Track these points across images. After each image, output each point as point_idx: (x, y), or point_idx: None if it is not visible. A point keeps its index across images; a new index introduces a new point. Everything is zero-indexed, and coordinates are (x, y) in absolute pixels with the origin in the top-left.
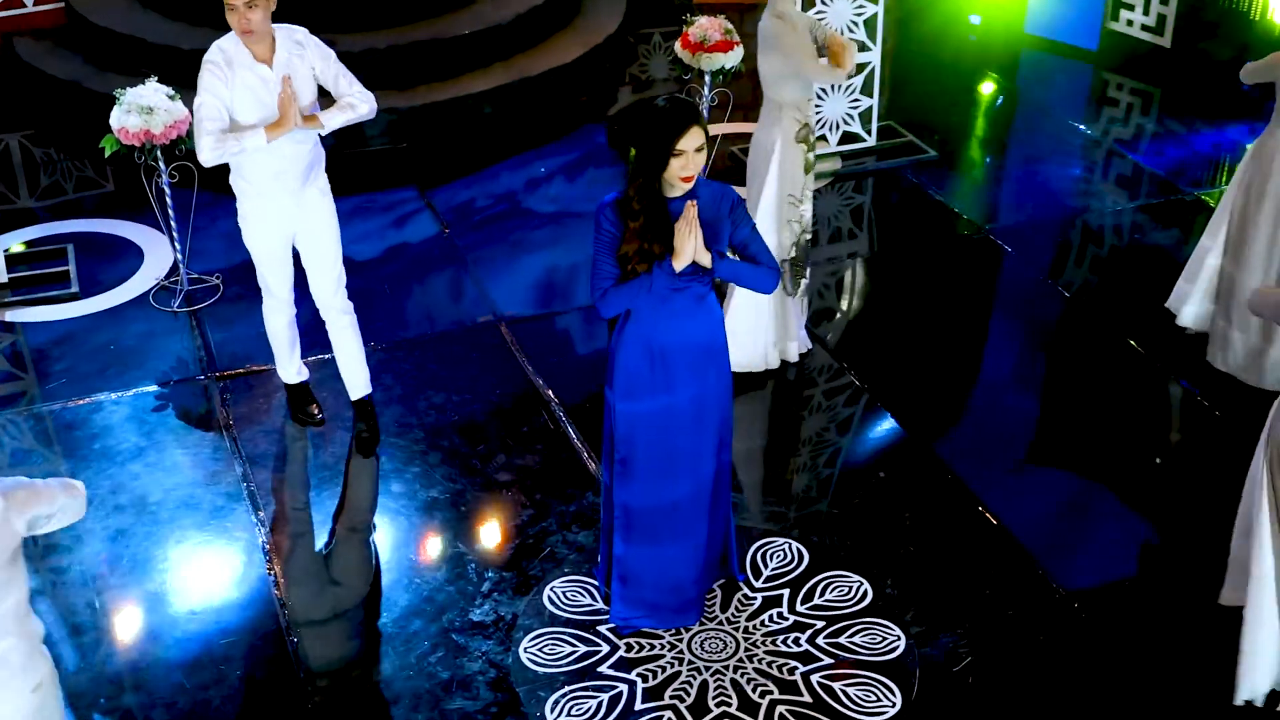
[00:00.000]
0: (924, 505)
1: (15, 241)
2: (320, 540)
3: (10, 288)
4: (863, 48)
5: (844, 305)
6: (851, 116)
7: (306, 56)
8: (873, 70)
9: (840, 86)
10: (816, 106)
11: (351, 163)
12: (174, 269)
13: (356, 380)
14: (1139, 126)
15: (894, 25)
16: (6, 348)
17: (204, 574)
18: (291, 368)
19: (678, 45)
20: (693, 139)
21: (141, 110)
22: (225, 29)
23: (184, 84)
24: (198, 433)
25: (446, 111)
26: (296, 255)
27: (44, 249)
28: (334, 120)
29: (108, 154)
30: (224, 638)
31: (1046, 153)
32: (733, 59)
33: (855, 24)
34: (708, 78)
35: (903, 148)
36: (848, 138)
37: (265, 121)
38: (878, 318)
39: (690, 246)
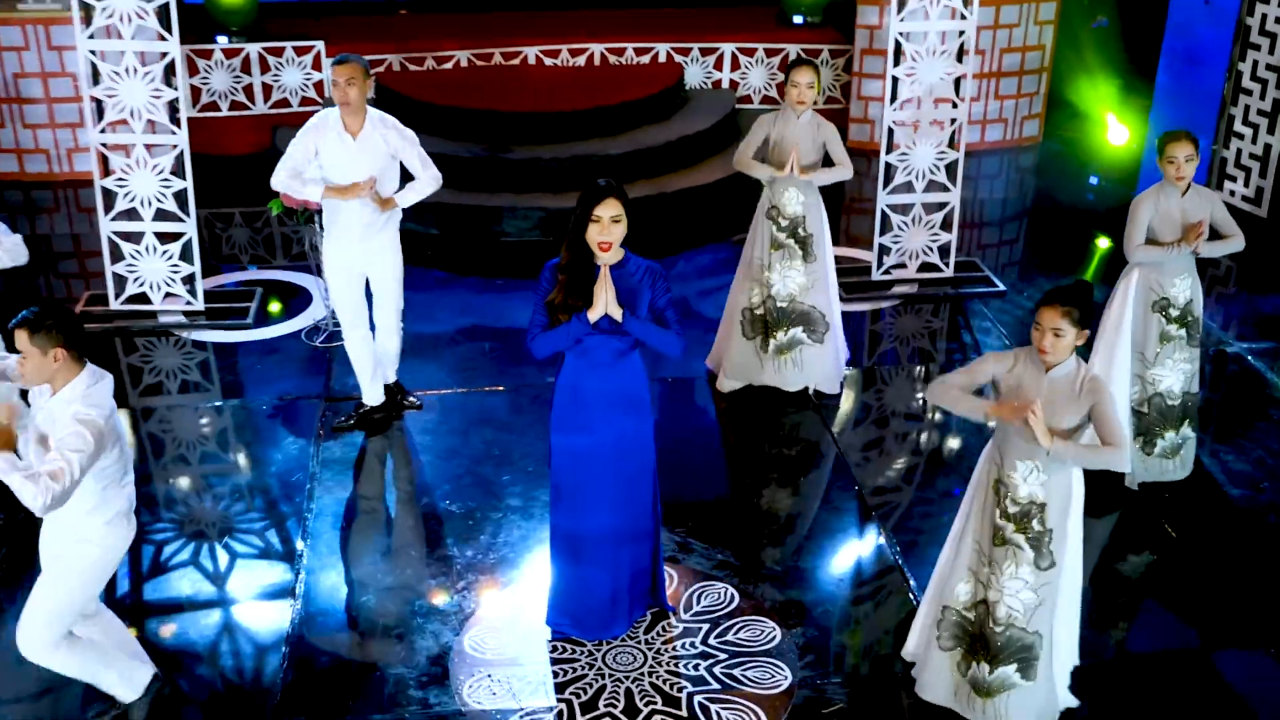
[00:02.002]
0: (861, 578)
1: (217, 282)
2: (348, 527)
3: (206, 315)
4: (943, 189)
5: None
6: (930, 249)
7: (389, 137)
8: (951, 210)
9: (920, 221)
10: (896, 238)
11: (500, 250)
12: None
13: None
14: (1219, 293)
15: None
16: (199, 360)
17: (245, 540)
18: (375, 389)
19: None
20: (608, 209)
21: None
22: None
23: None
24: (292, 438)
25: None
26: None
27: (241, 289)
28: (406, 199)
29: (274, 214)
30: (241, 590)
31: None
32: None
33: (936, 168)
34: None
35: (977, 280)
36: (926, 267)
37: (339, 181)
38: (885, 419)
39: (602, 302)
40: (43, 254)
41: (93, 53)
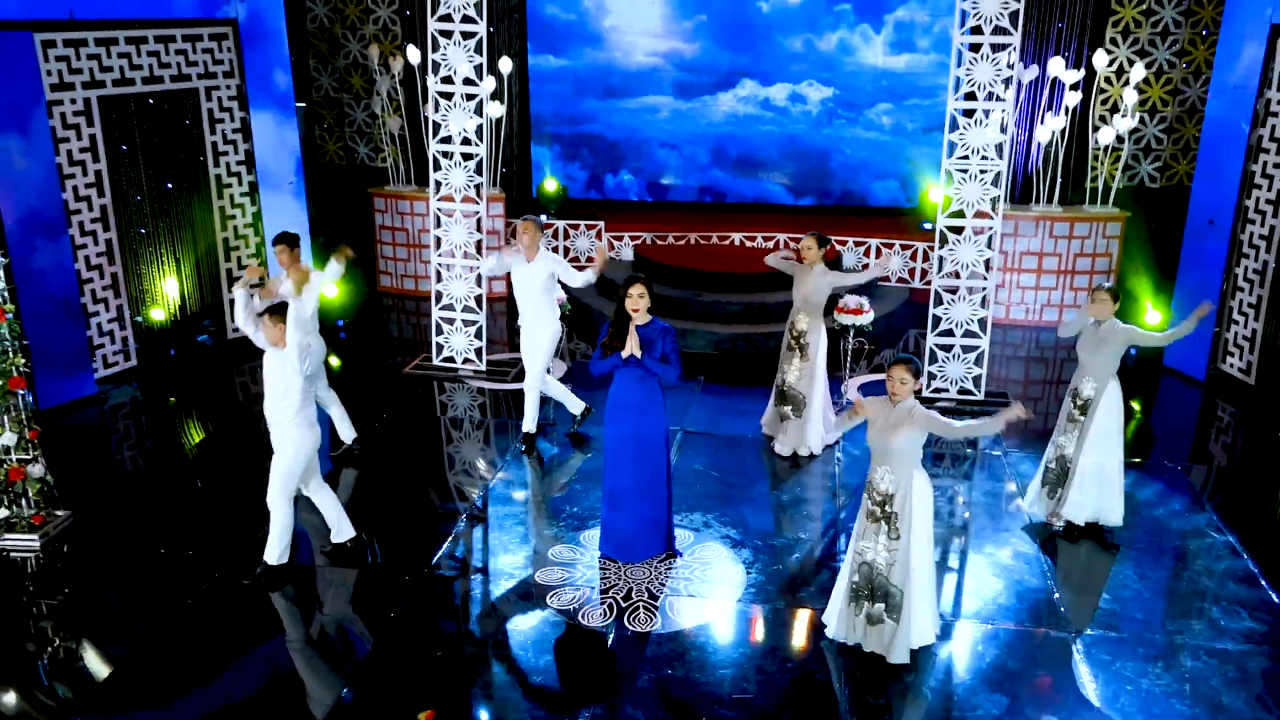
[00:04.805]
0: (811, 551)
1: (502, 356)
2: (509, 490)
3: (485, 374)
4: (975, 335)
5: None
6: (966, 377)
7: (546, 262)
8: (982, 353)
9: (958, 356)
10: (940, 367)
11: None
12: None
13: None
14: (1222, 436)
15: None
16: (479, 402)
17: (447, 488)
18: (575, 404)
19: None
20: (634, 289)
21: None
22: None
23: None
24: (505, 440)
25: (746, 339)
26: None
27: (506, 359)
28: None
29: None
30: (429, 508)
31: None
32: (861, 320)
33: (971, 320)
34: (850, 330)
35: (1000, 404)
36: (963, 390)
37: (519, 288)
38: None
39: (629, 346)
40: (415, 338)
41: (439, 210)
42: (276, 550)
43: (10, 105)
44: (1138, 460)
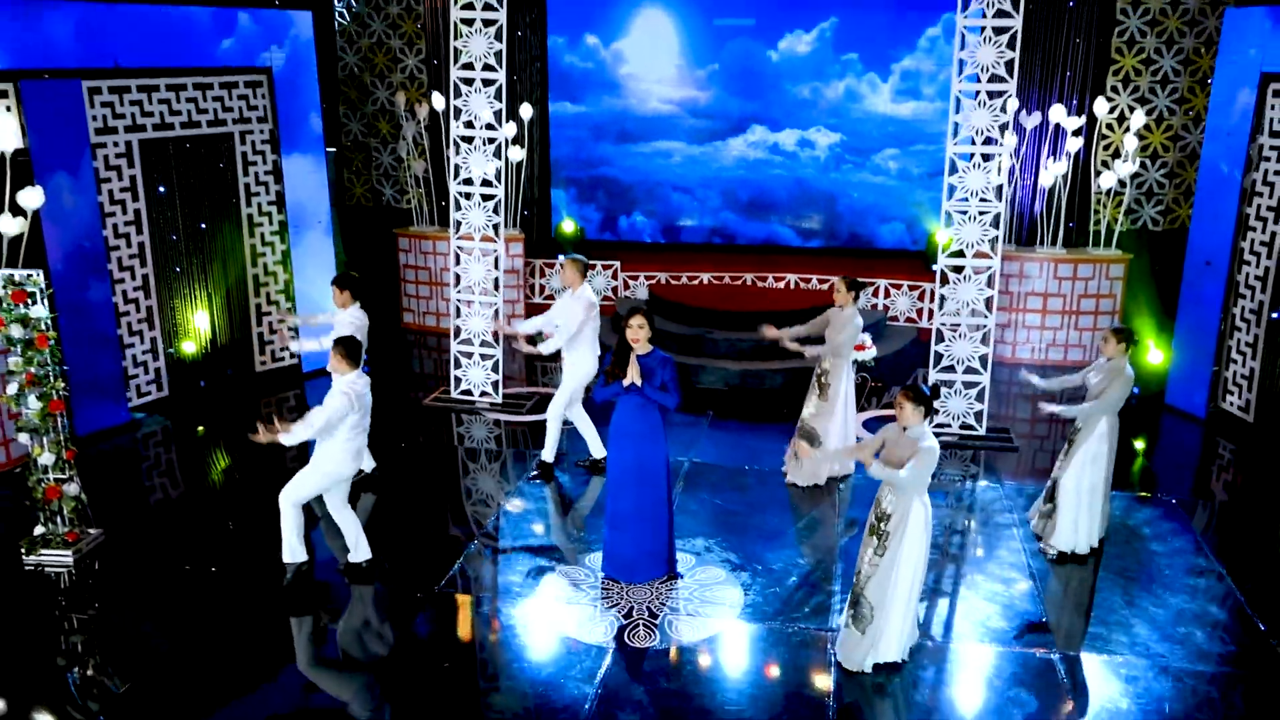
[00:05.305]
0: (804, 578)
1: (515, 390)
2: (519, 513)
3: (501, 406)
4: (977, 371)
5: None
6: (968, 413)
7: (579, 299)
8: (983, 389)
9: (959, 391)
10: (942, 403)
11: (697, 394)
12: None
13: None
14: (1225, 480)
15: None
16: (495, 433)
17: (464, 513)
18: (598, 448)
19: None
20: (635, 320)
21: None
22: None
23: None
24: (521, 470)
25: (756, 376)
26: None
27: (522, 391)
28: (545, 347)
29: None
30: (443, 526)
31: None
32: (863, 355)
33: (972, 357)
34: (855, 364)
35: (1002, 439)
36: (965, 426)
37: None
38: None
39: (631, 374)
40: (435, 373)
41: (458, 248)
42: (288, 548)
43: (60, 147)
44: (1145, 494)
